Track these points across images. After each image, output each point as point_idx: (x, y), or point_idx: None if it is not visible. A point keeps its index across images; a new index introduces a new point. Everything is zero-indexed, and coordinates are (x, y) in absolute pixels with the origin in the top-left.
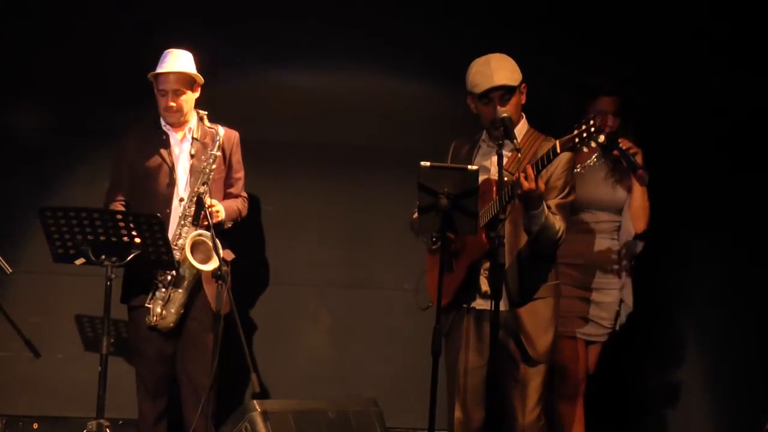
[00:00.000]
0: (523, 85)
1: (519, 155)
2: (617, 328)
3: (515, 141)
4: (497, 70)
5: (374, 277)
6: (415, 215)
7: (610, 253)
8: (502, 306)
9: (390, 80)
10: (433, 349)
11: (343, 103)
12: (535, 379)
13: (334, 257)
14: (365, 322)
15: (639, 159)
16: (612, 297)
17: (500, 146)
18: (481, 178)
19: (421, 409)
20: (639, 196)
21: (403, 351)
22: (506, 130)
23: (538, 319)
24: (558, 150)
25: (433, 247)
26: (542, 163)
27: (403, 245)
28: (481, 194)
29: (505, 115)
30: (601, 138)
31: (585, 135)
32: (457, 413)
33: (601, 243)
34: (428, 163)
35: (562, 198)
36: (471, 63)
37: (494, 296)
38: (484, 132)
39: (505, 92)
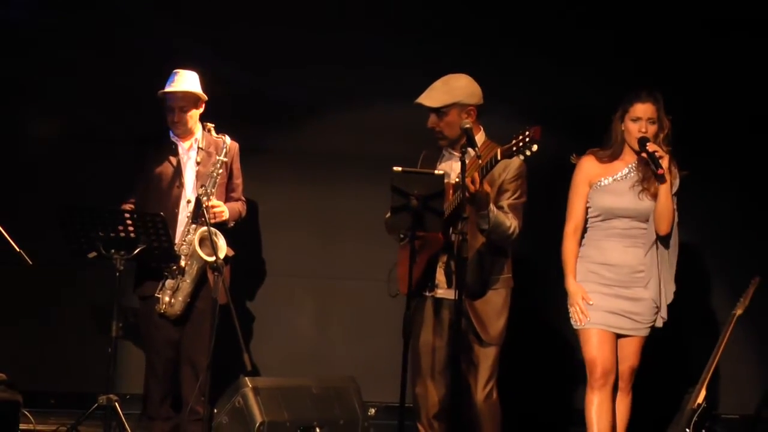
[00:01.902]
0: (471, 107)
1: (479, 161)
2: (659, 324)
3: (476, 149)
4: (430, 91)
5: (352, 269)
6: (388, 215)
7: (637, 257)
8: (472, 293)
9: (360, 97)
10: (404, 332)
11: (323, 115)
12: (487, 359)
13: (317, 252)
14: (344, 309)
15: (665, 162)
16: (641, 295)
17: (463, 153)
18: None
19: (394, 385)
20: (662, 200)
21: (377, 334)
22: (471, 139)
23: (491, 307)
24: (499, 157)
25: (401, 243)
26: (486, 169)
27: (376, 242)
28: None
29: (468, 125)
30: (535, 147)
31: (521, 144)
32: (418, 389)
33: (629, 248)
34: (400, 168)
35: (515, 199)
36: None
37: (459, 286)
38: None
39: (436, 112)
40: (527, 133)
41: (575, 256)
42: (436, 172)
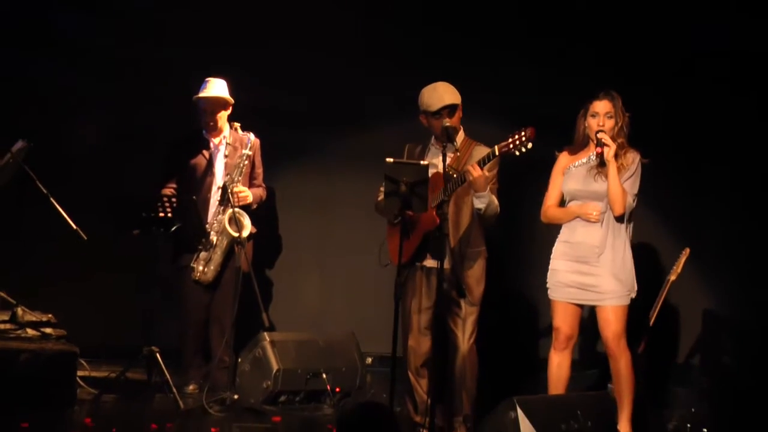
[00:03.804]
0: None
1: (458, 154)
2: (633, 297)
3: (455, 143)
4: (444, 93)
5: (350, 244)
6: (380, 198)
7: (594, 235)
8: (447, 264)
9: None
10: (395, 296)
11: (330, 115)
12: (472, 316)
13: (322, 230)
14: (344, 277)
15: (610, 150)
16: (598, 271)
17: (445, 147)
18: (431, 172)
19: (386, 338)
20: (609, 183)
21: (372, 297)
22: (449, 136)
23: (473, 274)
24: (497, 153)
25: (395, 221)
26: (485, 161)
27: (369, 222)
28: (433, 184)
29: (448, 124)
30: (530, 145)
31: (518, 142)
32: (411, 342)
33: (588, 226)
34: (392, 160)
35: (493, 185)
36: (421, 91)
37: (439, 256)
38: (432, 138)
39: (451, 109)
40: (523, 133)
41: (560, 209)
42: (421, 162)
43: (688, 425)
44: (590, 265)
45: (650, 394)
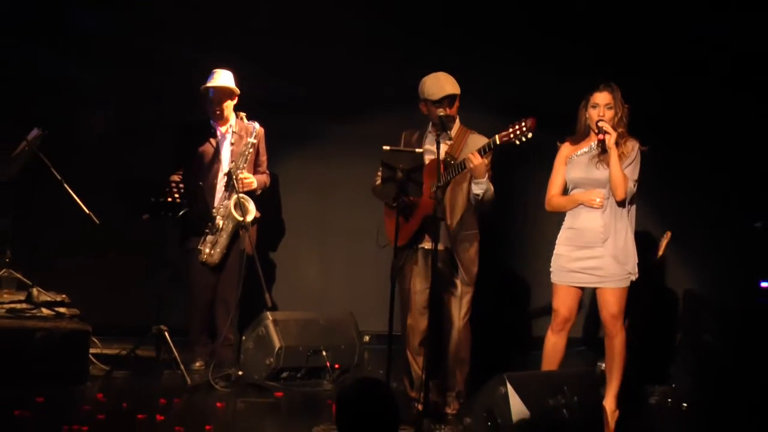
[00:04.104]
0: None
1: (452, 143)
2: (633, 279)
3: (449, 132)
4: (445, 83)
5: (350, 227)
6: (377, 182)
7: (597, 220)
8: (445, 246)
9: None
10: (392, 276)
11: (330, 104)
12: (467, 295)
13: (322, 214)
14: (344, 259)
15: (611, 138)
16: (601, 253)
17: (439, 135)
18: (428, 158)
19: (383, 318)
20: (611, 169)
21: (370, 278)
22: (444, 125)
23: (467, 255)
24: (498, 142)
25: (393, 205)
26: (485, 150)
27: (367, 206)
28: (430, 170)
29: (442, 114)
30: (530, 135)
31: (519, 132)
32: (410, 320)
33: (591, 212)
34: (388, 147)
35: (487, 171)
36: (423, 79)
37: (435, 238)
38: (430, 125)
39: (451, 99)
40: (523, 123)
41: (564, 196)
42: (417, 150)
43: (669, 400)
44: (593, 249)
45: (634, 369)
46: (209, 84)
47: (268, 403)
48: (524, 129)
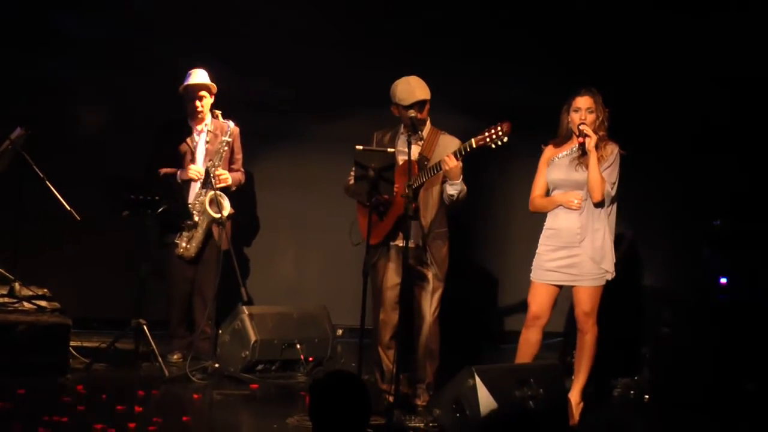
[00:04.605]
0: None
1: (422, 143)
2: (609, 278)
3: (420, 133)
4: (416, 89)
5: (325, 224)
6: (350, 182)
7: (574, 221)
8: (419, 243)
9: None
10: (364, 272)
11: (302, 105)
12: (438, 291)
13: (297, 212)
14: (317, 254)
15: (591, 141)
16: (577, 252)
17: (410, 137)
18: (402, 159)
19: (356, 312)
20: (589, 171)
21: (343, 273)
22: (414, 127)
23: (440, 253)
24: (474, 145)
25: (368, 203)
26: (461, 153)
27: (340, 203)
28: (404, 170)
29: (413, 115)
30: (506, 139)
31: (495, 136)
32: (382, 315)
33: (569, 213)
34: (361, 147)
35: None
36: (395, 83)
37: (405, 237)
38: (402, 126)
39: (421, 104)
40: (499, 128)
41: (545, 198)
42: (388, 150)
43: (632, 392)
44: (571, 249)
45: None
46: (189, 82)
47: (243, 395)
48: (500, 133)
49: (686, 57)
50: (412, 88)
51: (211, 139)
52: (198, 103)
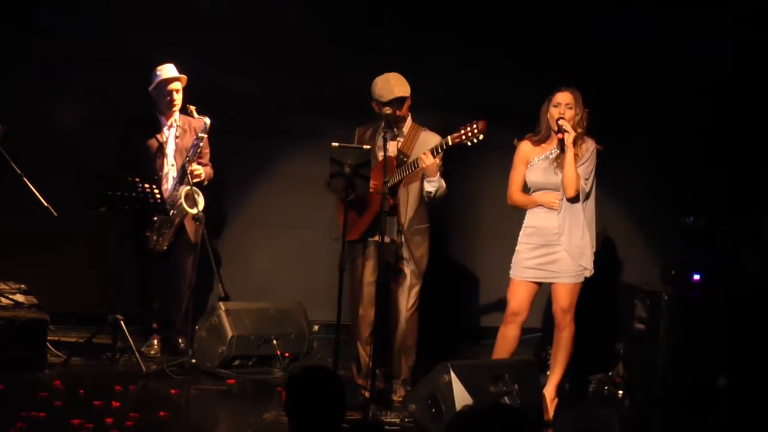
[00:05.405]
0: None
1: (401, 140)
2: (588, 275)
3: (401, 130)
4: (395, 86)
5: (300, 218)
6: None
7: (553, 220)
8: (397, 239)
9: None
10: (340, 267)
11: (272, 100)
12: (416, 287)
13: (273, 206)
14: (294, 249)
15: (569, 137)
16: (557, 250)
17: (386, 133)
18: (381, 155)
19: (332, 307)
20: (565, 167)
21: (319, 269)
22: (389, 124)
23: (419, 250)
24: (450, 143)
25: (347, 200)
26: (437, 150)
27: (318, 198)
28: (382, 167)
29: (388, 112)
30: (481, 137)
31: (470, 134)
32: (361, 311)
33: (548, 213)
34: (337, 144)
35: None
36: (374, 80)
37: (381, 232)
38: (383, 122)
39: (401, 100)
40: (475, 126)
41: (525, 195)
42: (364, 146)
43: (606, 388)
44: (550, 247)
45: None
46: (165, 76)
47: (220, 391)
48: (476, 131)
49: (667, 55)
50: (390, 86)
51: (180, 134)
52: (175, 95)
